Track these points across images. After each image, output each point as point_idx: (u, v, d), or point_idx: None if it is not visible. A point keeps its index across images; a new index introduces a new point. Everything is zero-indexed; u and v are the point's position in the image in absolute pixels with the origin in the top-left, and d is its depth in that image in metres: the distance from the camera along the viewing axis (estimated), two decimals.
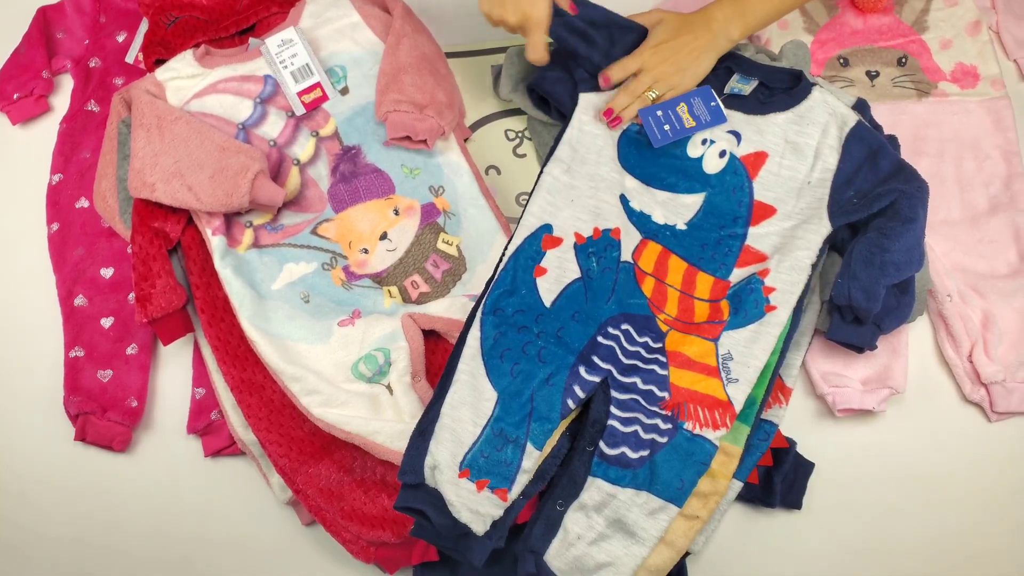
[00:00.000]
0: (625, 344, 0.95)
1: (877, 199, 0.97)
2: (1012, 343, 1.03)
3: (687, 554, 0.94)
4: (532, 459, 0.89)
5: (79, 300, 1.06)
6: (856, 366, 1.02)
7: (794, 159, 1.02)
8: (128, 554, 1.00)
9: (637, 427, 0.92)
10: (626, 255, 1.00)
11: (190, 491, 1.02)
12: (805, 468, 0.99)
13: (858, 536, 0.99)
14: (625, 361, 0.95)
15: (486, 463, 0.88)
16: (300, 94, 1.07)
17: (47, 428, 1.04)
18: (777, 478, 0.97)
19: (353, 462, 0.96)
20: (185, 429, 1.02)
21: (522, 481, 0.89)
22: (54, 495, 1.02)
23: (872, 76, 1.15)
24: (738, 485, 0.95)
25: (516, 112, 1.14)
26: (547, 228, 1.02)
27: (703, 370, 0.95)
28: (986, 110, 1.13)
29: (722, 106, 1.03)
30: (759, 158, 1.03)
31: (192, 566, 0.99)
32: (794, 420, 1.02)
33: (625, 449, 0.92)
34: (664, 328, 0.97)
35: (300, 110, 1.06)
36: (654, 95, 1.01)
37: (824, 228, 0.99)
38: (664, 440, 0.92)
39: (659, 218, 1.02)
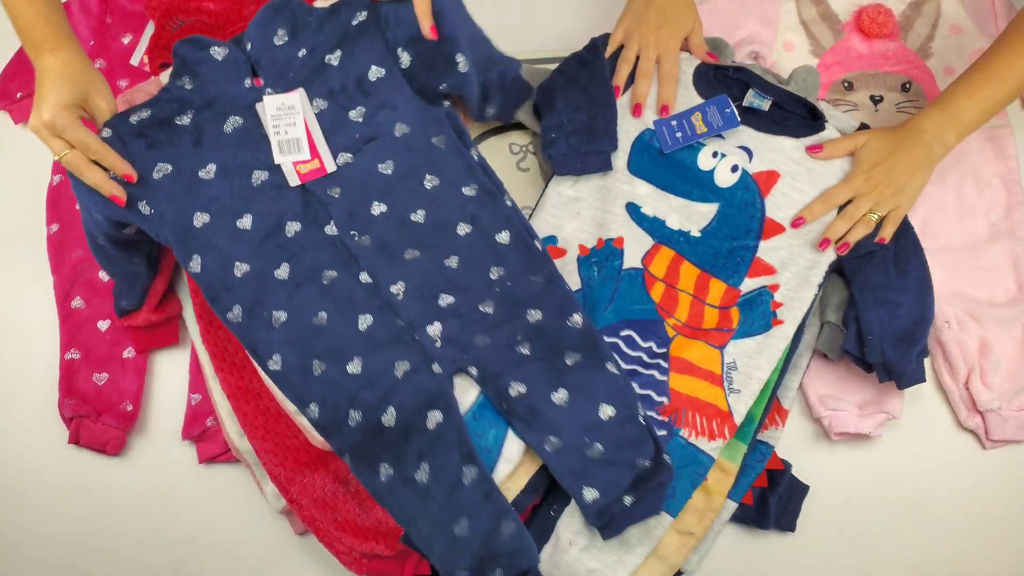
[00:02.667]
0: (625, 349, 0.96)
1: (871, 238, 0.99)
2: (1008, 371, 1.03)
3: (680, 573, 0.94)
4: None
5: (76, 302, 1.06)
6: (853, 390, 1.02)
7: (804, 182, 1.02)
8: (119, 558, 0.99)
9: None
10: (635, 261, 1.00)
11: (183, 497, 1.01)
12: (800, 491, 0.99)
13: (851, 560, 0.99)
14: (624, 366, 0.95)
15: None
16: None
17: (41, 430, 1.03)
18: (772, 500, 0.97)
19: (348, 473, 0.96)
20: (180, 435, 1.02)
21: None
22: (47, 498, 1.01)
23: (876, 101, 1.15)
24: (732, 505, 0.96)
25: (520, 126, 1.14)
26: (551, 239, 1.02)
27: (707, 376, 0.96)
28: (987, 138, 1.14)
29: (737, 113, 1.03)
30: (771, 177, 1.03)
31: (183, 572, 0.99)
32: (790, 442, 1.02)
33: None
34: (671, 333, 0.97)
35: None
36: (876, 216, 0.97)
37: (830, 252, 1.00)
38: None
39: (673, 223, 1.02)
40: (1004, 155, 1.13)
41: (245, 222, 0.92)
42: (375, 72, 0.96)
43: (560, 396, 0.89)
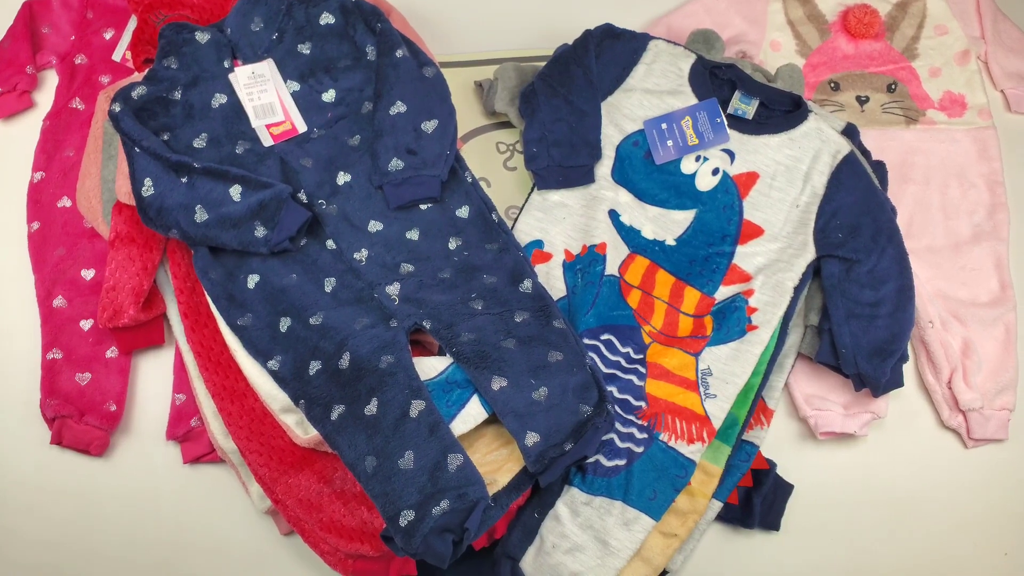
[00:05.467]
0: (606, 353, 0.97)
1: (857, 249, 0.99)
2: (991, 371, 1.04)
3: (665, 572, 0.95)
4: None
5: (58, 301, 1.05)
6: (839, 390, 1.03)
7: (784, 182, 1.03)
8: (103, 561, 0.99)
9: (612, 435, 0.94)
10: (612, 268, 1.00)
11: (168, 498, 1.00)
12: (784, 490, 1.00)
13: (835, 559, 1.00)
14: (604, 370, 0.96)
15: None
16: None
17: (23, 431, 1.02)
18: (756, 499, 0.98)
19: (333, 473, 0.96)
20: (164, 435, 1.01)
21: None
22: (29, 500, 1.00)
23: (862, 101, 1.16)
24: (717, 505, 0.96)
25: (507, 125, 1.14)
26: (538, 243, 1.03)
27: (681, 383, 0.96)
28: (972, 139, 1.15)
29: (726, 123, 1.03)
30: (751, 178, 1.03)
31: (168, 573, 0.98)
32: (775, 442, 1.03)
33: (599, 457, 0.93)
34: (647, 340, 0.98)
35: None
36: None
37: (809, 253, 1.00)
38: (640, 450, 0.93)
39: (648, 233, 1.02)
40: (988, 156, 1.14)
41: None
42: (343, 62, 1.04)
43: (509, 343, 0.91)
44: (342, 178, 1.00)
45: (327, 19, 1.05)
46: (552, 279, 1.01)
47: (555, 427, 0.88)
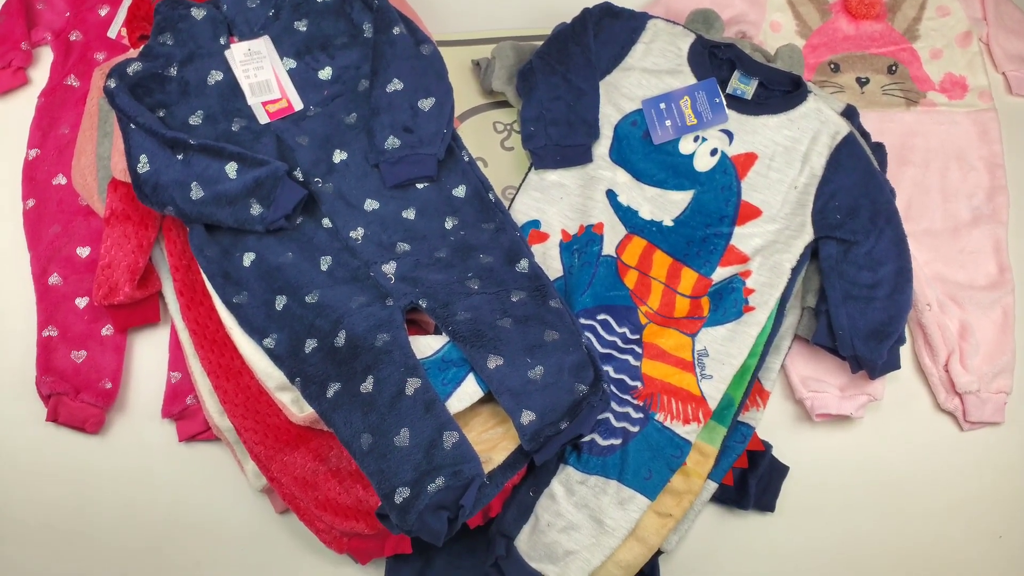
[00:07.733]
0: (602, 333, 0.97)
1: (856, 230, 0.99)
2: (987, 354, 1.04)
3: (660, 552, 0.95)
4: None
5: (54, 279, 1.05)
6: (835, 372, 1.03)
7: (782, 163, 1.02)
8: (98, 538, 0.99)
9: (608, 415, 0.94)
10: (609, 249, 1.00)
11: (163, 476, 1.01)
12: (780, 471, 1.00)
13: (830, 540, 1.01)
14: (600, 350, 0.96)
15: None
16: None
17: (18, 409, 1.02)
18: (752, 480, 0.98)
19: (329, 451, 0.96)
20: (160, 413, 1.01)
21: None
22: (24, 477, 1.01)
23: (862, 83, 1.15)
24: (713, 486, 0.97)
25: (505, 104, 1.13)
26: (535, 223, 1.02)
27: (677, 363, 0.96)
28: (973, 121, 1.14)
29: (725, 104, 1.03)
30: (749, 159, 1.03)
31: (163, 552, 0.99)
32: (771, 423, 1.03)
33: (595, 436, 0.93)
34: (644, 320, 0.98)
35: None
36: None
37: (807, 235, 1.00)
38: (636, 429, 0.93)
39: (646, 214, 1.02)
40: (989, 139, 1.14)
41: None
42: (340, 40, 1.03)
43: (505, 322, 0.91)
44: (338, 156, 1.00)
45: None
46: (549, 259, 1.01)
47: (551, 406, 0.88)
